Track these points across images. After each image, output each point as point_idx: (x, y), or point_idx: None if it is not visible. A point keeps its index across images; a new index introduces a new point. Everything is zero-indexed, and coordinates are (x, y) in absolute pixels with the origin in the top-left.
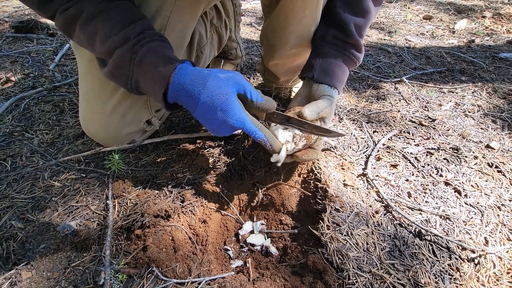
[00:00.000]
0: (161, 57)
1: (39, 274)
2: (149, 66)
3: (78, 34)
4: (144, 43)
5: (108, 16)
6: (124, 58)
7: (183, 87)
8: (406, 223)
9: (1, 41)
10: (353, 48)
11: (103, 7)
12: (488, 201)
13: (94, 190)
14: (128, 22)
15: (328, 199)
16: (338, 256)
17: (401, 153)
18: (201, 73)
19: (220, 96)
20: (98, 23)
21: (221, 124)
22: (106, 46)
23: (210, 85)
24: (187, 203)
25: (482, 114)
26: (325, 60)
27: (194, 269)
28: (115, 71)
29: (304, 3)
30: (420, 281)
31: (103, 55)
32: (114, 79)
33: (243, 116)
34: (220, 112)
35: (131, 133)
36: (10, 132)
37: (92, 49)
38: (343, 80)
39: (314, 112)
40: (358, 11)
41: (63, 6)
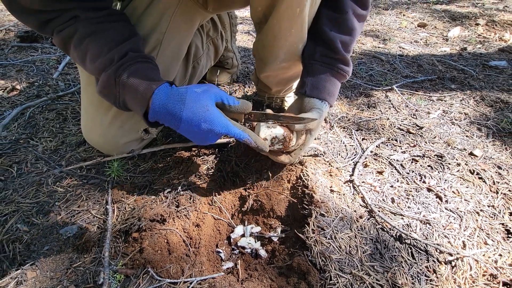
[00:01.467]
0: (142, 79)
1: (43, 274)
2: (131, 88)
3: (72, 53)
4: (127, 66)
5: (98, 37)
6: (110, 81)
7: (164, 107)
8: (388, 227)
9: (7, 50)
10: (340, 63)
11: (95, 29)
12: (467, 207)
13: (94, 195)
14: (116, 43)
15: (314, 205)
16: (321, 258)
17: (388, 160)
18: (179, 92)
19: (201, 109)
20: (89, 43)
21: (207, 134)
22: (94, 66)
23: (189, 101)
24: (181, 208)
25: (469, 122)
26: (315, 77)
27: (186, 270)
28: (103, 91)
29: (290, 23)
30: (397, 282)
31: (93, 74)
32: (104, 98)
33: (226, 122)
34: (204, 123)
35: (129, 141)
36: (16, 139)
37: (84, 67)
38: (333, 93)
39: (301, 125)
40: (343, 29)
41: (59, 27)
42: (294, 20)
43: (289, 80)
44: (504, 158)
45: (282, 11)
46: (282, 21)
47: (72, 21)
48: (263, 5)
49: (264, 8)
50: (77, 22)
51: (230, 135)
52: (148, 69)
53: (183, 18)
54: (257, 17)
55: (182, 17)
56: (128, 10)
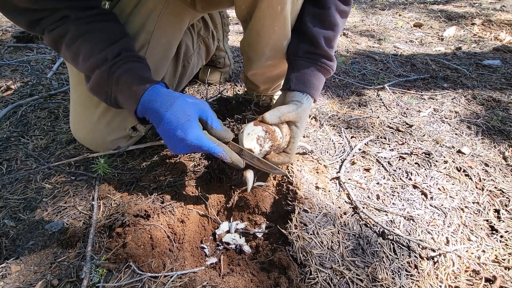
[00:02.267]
0: (136, 77)
1: (27, 268)
2: (125, 86)
3: (64, 52)
4: (121, 65)
5: (90, 37)
6: (103, 78)
7: (151, 104)
8: (371, 223)
9: (3, 50)
10: (323, 58)
11: (87, 29)
12: (452, 203)
13: (82, 191)
14: (108, 43)
15: (297, 201)
16: (302, 253)
17: (375, 158)
18: (171, 94)
19: (183, 116)
20: (81, 43)
21: (179, 142)
22: (87, 65)
23: (176, 105)
24: (166, 204)
25: (459, 120)
26: (299, 72)
27: (168, 264)
28: (96, 88)
29: (272, 21)
30: (377, 277)
31: (85, 72)
32: (95, 95)
33: (200, 135)
34: (180, 130)
35: (117, 139)
36: (7, 137)
37: (76, 66)
38: (317, 87)
39: (274, 116)
40: (326, 25)
41: (50, 26)
42: (276, 18)
43: (277, 78)
44: (492, 155)
45: (264, 9)
46: (264, 19)
47: (63, 21)
48: (246, 4)
49: (247, 6)
50: (68, 22)
51: (203, 148)
52: (141, 68)
53: (171, 18)
54: (242, 15)
55: (170, 17)
56: (116, 9)
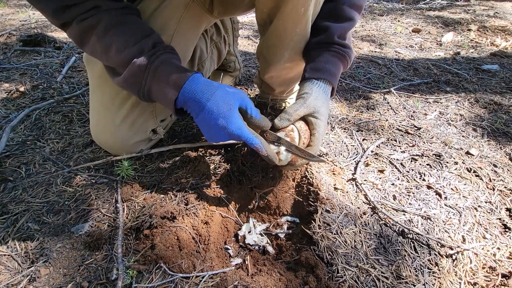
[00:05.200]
0: (175, 67)
1: (56, 271)
2: (164, 75)
3: (93, 44)
4: (159, 55)
5: (123, 28)
6: (141, 68)
7: (193, 93)
8: (390, 223)
9: (9, 53)
10: (336, 44)
11: (119, 20)
12: (466, 203)
13: (104, 194)
14: (142, 35)
15: (319, 201)
16: (328, 252)
17: (388, 160)
18: (212, 84)
19: (225, 105)
20: (114, 34)
21: (221, 130)
22: (122, 56)
23: (217, 95)
24: (190, 206)
25: (464, 123)
26: (313, 61)
27: (198, 265)
28: (130, 79)
29: (294, 23)
30: (402, 274)
31: (117, 64)
32: (127, 87)
33: (241, 125)
34: (222, 119)
35: (137, 141)
36: (23, 141)
37: (106, 58)
38: (331, 71)
39: (284, 120)
40: (338, 19)
41: (81, 15)
42: (299, 20)
43: (292, 81)
44: (499, 156)
45: (288, 12)
46: (287, 21)
47: (94, 11)
48: (268, 6)
49: (269, 9)
50: (100, 12)
51: (243, 138)
52: (177, 59)
53: (190, 22)
54: (262, 18)
55: (189, 21)
56: None
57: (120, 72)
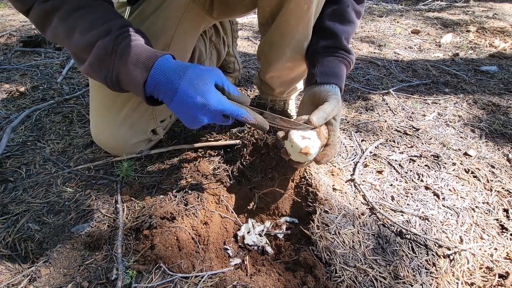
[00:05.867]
0: (144, 49)
1: (56, 271)
2: (132, 57)
3: (55, 27)
4: (127, 36)
5: (90, 10)
6: (107, 50)
7: (164, 73)
8: (388, 223)
9: (10, 54)
10: (343, 50)
11: (85, 3)
12: (463, 204)
13: (104, 195)
14: (110, 18)
15: (318, 202)
16: (327, 252)
17: (387, 160)
18: (183, 63)
19: (201, 82)
20: (79, 16)
21: (201, 109)
22: (86, 38)
23: (190, 73)
24: (190, 206)
25: (462, 124)
26: (323, 65)
27: (197, 265)
28: (96, 63)
29: (297, 21)
30: (399, 275)
31: (80, 47)
32: (94, 72)
33: (222, 99)
34: (200, 96)
35: (138, 142)
36: (23, 141)
37: (68, 41)
38: (342, 76)
39: (321, 118)
40: (345, 22)
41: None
42: (302, 17)
43: (292, 81)
44: (496, 158)
45: (291, 9)
46: (290, 18)
47: None
48: (271, 5)
49: (272, 7)
50: None
51: (226, 112)
52: (148, 41)
53: (190, 23)
54: (264, 17)
55: (189, 22)
56: (137, 13)
57: (84, 57)
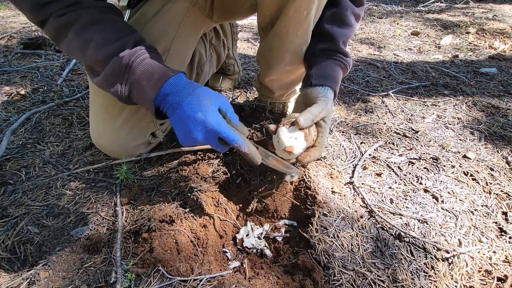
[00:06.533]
0: (157, 66)
1: (55, 274)
2: (145, 75)
3: (70, 40)
4: (140, 54)
5: (104, 26)
6: (121, 66)
7: (175, 87)
8: (387, 226)
9: (10, 56)
10: (340, 53)
11: (100, 17)
12: (462, 207)
13: (103, 198)
14: (124, 33)
15: (317, 205)
16: (325, 256)
17: (386, 163)
18: (193, 83)
19: (206, 101)
20: (94, 31)
21: (198, 125)
22: (101, 52)
23: (198, 91)
24: (189, 209)
25: (462, 126)
26: (319, 68)
27: (196, 269)
28: (109, 78)
29: (296, 26)
30: (398, 278)
31: (95, 61)
32: (107, 86)
33: (221, 121)
34: (201, 112)
35: (137, 145)
36: (23, 144)
37: (83, 55)
38: (337, 79)
39: (308, 120)
40: (343, 25)
41: (59, 11)
42: (301, 23)
43: (292, 84)
44: (496, 160)
45: (290, 14)
46: (289, 24)
47: (73, 7)
48: (271, 10)
49: (272, 13)
50: (80, 8)
51: (221, 134)
52: (160, 60)
53: (190, 27)
54: (264, 22)
55: (189, 26)
56: (137, 16)
57: (97, 70)
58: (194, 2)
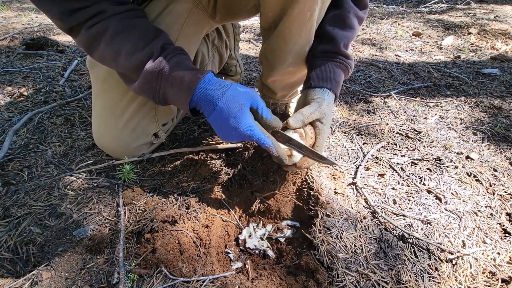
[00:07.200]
0: (187, 70)
1: (58, 275)
2: (176, 79)
3: (102, 51)
4: (169, 59)
5: (131, 32)
6: (153, 74)
7: (204, 93)
8: (390, 227)
9: (12, 57)
10: (341, 56)
11: (126, 25)
12: (466, 208)
13: (105, 198)
14: (150, 38)
15: (320, 206)
16: (328, 257)
17: (388, 164)
18: (223, 84)
19: (236, 105)
20: (122, 39)
21: (232, 131)
22: (131, 61)
23: (228, 95)
24: (191, 210)
25: (464, 127)
26: (319, 70)
27: (198, 269)
28: (144, 86)
29: (300, 27)
30: (402, 279)
31: (128, 70)
32: (143, 93)
33: (252, 124)
34: (233, 119)
35: (139, 145)
36: (26, 144)
37: (116, 64)
38: (336, 81)
39: (298, 121)
40: (345, 27)
41: (88, 22)
42: (304, 24)
43: (294, 85)
44: (499, 161)
45: (294, 16)
46: (292, 25)
47: (101, 16)
48: (274, 11)
49: (275, 14)
50: (107, 17)
51: (254, 138)
52: (187, 60)
53: (193, 27)
54: (267, 23)
55: (192, 26)
56: None
57: (131, 77)
58: (197, 3)
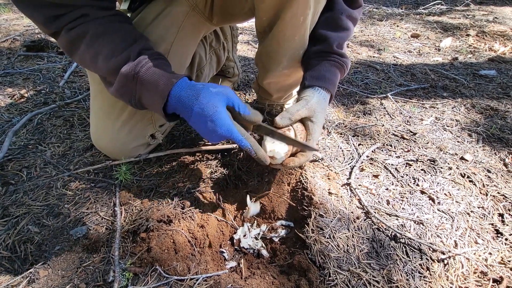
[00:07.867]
0: (160, 75)
1: (54, 273)
2: (150, 84)
3: (82, 53)
4: (144, 64)
5: (110, 36)
6: (128, 78)
7: (179, 100)
8: (383, 227)
9: (13, 58)
10: (335, 54)
11: (107, 28)
12: (458, 208)
13: (102, 198)
14: (129, 42)
15: (313, 206)
16: (321, 256)
17: (383, 164)
18: (195, 87)
19: (210, 108)
20: (101, 43)
21: (211, 133)
22: (109, 65)
23: (202, 98)
24: (187, 210)
25: (460, 128)
26: (312, 69)
27: (192, 268)
28: (121, 89)
29: (293, 31)
30: (393, 279)
31: (106, 74)
32: (120, 97)
33: (230, 126)
34: (210, 122)
35: (136, 146)
36: (25, 145)
37: (94, 67)
38: (330, 79)
39: (285, 118)
40: (337, 29)
41: (69, 25)
42: (298, 28)
43: (290, 87)
44: (493, 162)
45: (287, 20)
46: (286, 29)
47: (82, 19)
48: (268, 16)
49: (269, 18)
50: (88, 21)
51: (232, 139)
52: (164, 65)
53: (190, 30)
54: (262, 26)
55: (189, 29)
56: (137, 20)
57: (110, 80)
58: (193, 6)
